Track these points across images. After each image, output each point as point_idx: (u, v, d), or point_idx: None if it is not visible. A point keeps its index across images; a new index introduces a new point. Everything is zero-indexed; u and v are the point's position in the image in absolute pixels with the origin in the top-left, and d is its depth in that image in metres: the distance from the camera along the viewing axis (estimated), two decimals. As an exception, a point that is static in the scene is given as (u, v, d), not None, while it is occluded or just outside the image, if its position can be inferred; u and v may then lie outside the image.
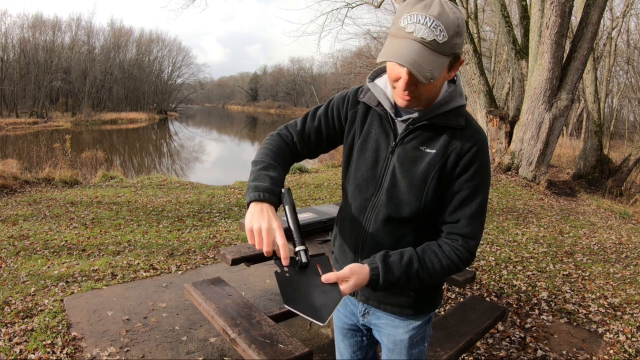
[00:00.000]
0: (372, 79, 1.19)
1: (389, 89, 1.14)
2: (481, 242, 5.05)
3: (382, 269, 1.05)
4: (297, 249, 1.02)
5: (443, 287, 3.75)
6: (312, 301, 1.01)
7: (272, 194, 1.05)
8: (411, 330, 1.26)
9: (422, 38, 0.92)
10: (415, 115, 1.10)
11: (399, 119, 1.13)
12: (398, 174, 1.12)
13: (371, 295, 1.26)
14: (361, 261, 1.11)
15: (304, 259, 1.02)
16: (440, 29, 0.91)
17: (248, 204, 1.05)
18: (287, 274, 1.03)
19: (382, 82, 1.17)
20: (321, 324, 0.99)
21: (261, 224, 0.99)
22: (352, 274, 1.03)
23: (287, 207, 1.07)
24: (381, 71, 1.20)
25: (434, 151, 1.09)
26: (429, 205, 1.12)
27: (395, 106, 1.14)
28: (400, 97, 1.05)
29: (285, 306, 1.01)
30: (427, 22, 0.91)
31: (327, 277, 1.02)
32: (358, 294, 1.30)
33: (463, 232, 1.10)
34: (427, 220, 1.16)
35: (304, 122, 1.27)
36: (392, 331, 1.28)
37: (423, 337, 1.30)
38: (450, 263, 1.09)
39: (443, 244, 1.12)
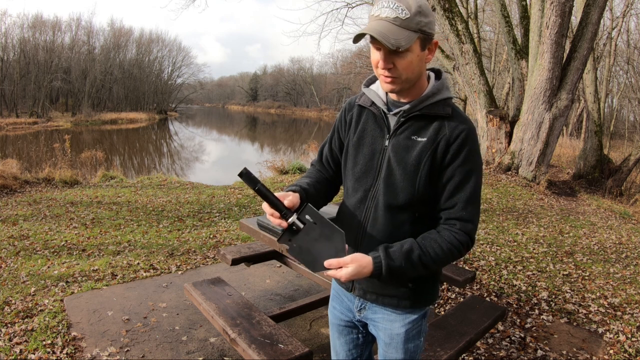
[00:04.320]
0: (367, 85, 1.31)
1: (380, 91, 1.26)
2: (481, 242, 5.05)
3: (384, 256, 1.12)
4: (290, 220, 1.12)
5: (442, 287, 3.74)
6: (326, 254, 1.12)
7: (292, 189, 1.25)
8: (407, 324, 1.29)
9: (386, 17, 1.07)
10: (406, 107, 1.20)
11: (391, 113, 1.24)
12: (393, 163, 1.20)
13: (369, 288, 1.28)
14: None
15: (300, 225, 1.13)
16: (402, 9, 1.06)
17: None
18: (294, 244, 1.13)
19: (375, 86, 1.29)
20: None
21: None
22: (352, 261, 1.11)
23: (258, 186, 1.14)
24: (375, 78, 1.31)
25: (425, 139, 1.17)
26: (422, 190, 1.18)
27: (387, 103, 1.25)
28: (383, 81, 1.15)
29: (316, 274, 1.13)
30: (389, 5, 1.07)
31: (329, 263, 1.11)
32: (356, 288, 1.32)
33: (460, 216, 1.17)
34: (423, 208, 1.22)
35: (320, 153, 1.45)
36: (389, 325, 1.30)
37: (419, 331, 1.33)
38: (451, 247, 1.15)
39: (441, 230, 1.18)
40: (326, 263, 1.11)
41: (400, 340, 1.29)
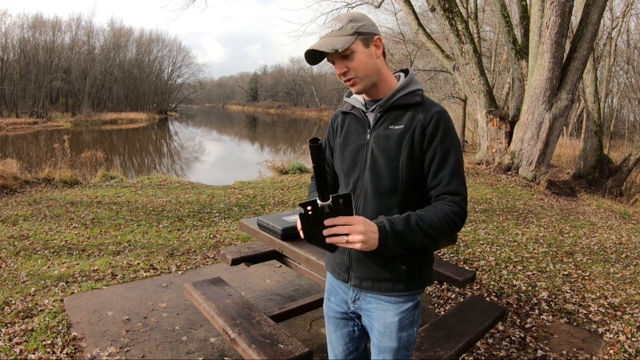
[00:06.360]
0: (348, 96, 1.47)
1: (359, 97, 1.41)
2: (481, 242, 5.05)
3: (386, 221, 1.19)
4: (321, 204, 1.13)
5: (442, 287, 3.74)
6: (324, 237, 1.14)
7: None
8: (400, 313, 1.34)
9: (325, 34, 1.27)
10: (380, 102, 1.34)
11: (369, 111, 1.37)
12: (376, 152, 1.32)
13: (365, 275, 1.34)
14: None
15: (327, 209, 1.14)
16: (334, 23, 1.25)
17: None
18: (310, 212, 1.14)
19: (355, 95, 1.44)
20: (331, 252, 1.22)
21: None
22: (359, 219, 1.14)
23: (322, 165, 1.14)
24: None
25: (402, 126, 1.29)
26: (406, 173, 1.27)
27: (365, 105, 1.39)
28: (348, 86, 1.32)
29: (306, 242, 1.18)
30: (327, 25, 1.28)
31: (332, 221, 1.13)
32: (352, 278, 1.37)
33: (447, 190, 1.26)
34: (408, 193, 1.30)
35: None
36: (383, 314, 1.35)
37: (412, 321, 1.36)
38: (445, 215, 1.22)
39: (435, 204, 1.27)
40: (327, 222, 1.11)
41: (393, 328, 1.34)
